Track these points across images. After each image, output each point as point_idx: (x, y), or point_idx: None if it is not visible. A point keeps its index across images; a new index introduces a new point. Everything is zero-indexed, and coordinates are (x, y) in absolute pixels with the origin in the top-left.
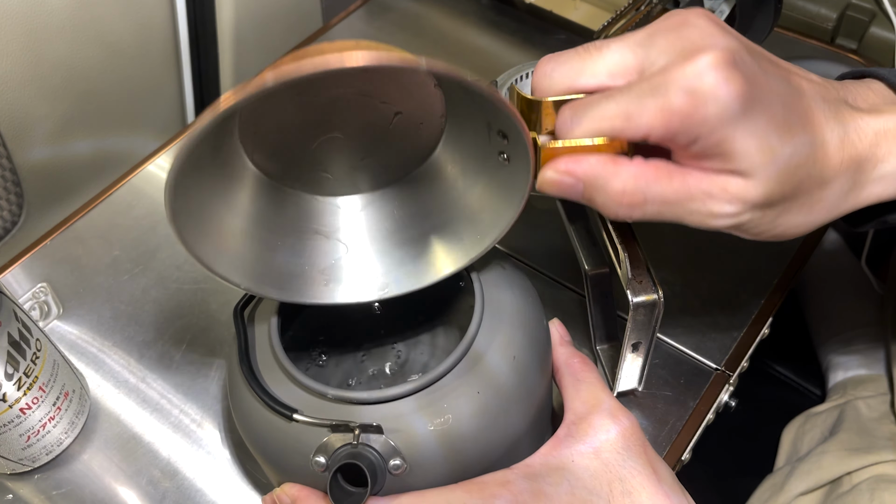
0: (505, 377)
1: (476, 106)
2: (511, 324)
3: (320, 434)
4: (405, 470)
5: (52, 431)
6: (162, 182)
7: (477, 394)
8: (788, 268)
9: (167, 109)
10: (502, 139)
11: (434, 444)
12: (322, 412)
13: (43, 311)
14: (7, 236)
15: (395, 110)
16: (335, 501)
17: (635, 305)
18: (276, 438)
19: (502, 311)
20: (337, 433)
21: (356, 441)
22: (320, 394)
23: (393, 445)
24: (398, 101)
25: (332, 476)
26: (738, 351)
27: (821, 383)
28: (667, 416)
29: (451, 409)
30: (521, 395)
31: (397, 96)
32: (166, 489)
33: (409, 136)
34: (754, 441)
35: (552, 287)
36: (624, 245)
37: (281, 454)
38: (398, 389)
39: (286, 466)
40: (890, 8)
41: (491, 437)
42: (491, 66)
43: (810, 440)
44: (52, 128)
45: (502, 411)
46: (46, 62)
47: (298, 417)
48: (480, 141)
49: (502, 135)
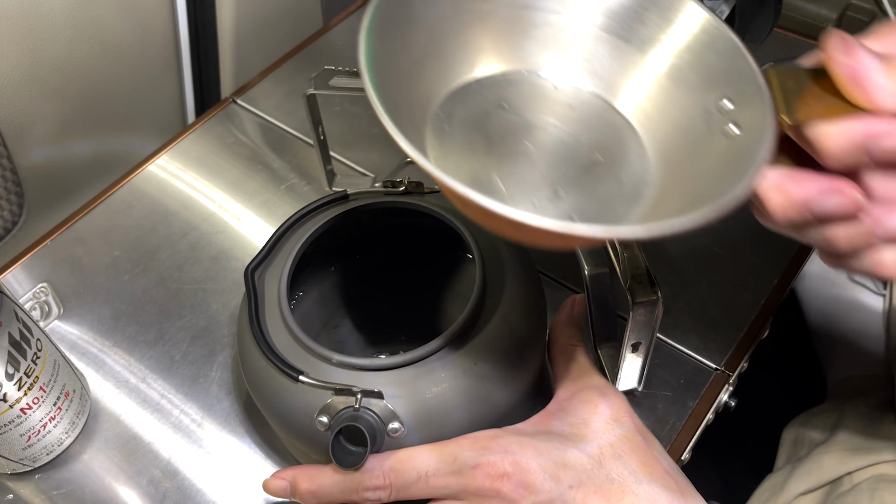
0: (501, 351)
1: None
2: (510, 300)
3: (324, 396)
4: (402, 433)
5: (52, 431)
6: (162, 182)
7: (474, 365)
8: (788, 268)
9: (167, 109)
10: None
11: (431, 410)
12: (326, 376)
13: (43, 312)
14: (7, 236)
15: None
16: (336, 460)
17: (635, 305)
18: (282, 398)
19: (502, 286)
20: (340, 396)
21: (357, 405)
22: (326, 358)
23: (392, 410)
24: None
25: (335, 436)
26: (737, 351)
27: (821, 383)
28: (666, 416)
29: (448, 378)
30: (515, 368)
31: None
32: (167, 489)
33: None
34: (754, 441)
35: (552, 287)
36: (624, 245)
37: (287, 414)
38: (399, 358)
39: (291, 425)
40: (889, 8)
41: (483, 407)
42: None
43: (810, 440)
44: (52, 128)
45: (497, 383)
46: (46, 62)
47: (304, 379)
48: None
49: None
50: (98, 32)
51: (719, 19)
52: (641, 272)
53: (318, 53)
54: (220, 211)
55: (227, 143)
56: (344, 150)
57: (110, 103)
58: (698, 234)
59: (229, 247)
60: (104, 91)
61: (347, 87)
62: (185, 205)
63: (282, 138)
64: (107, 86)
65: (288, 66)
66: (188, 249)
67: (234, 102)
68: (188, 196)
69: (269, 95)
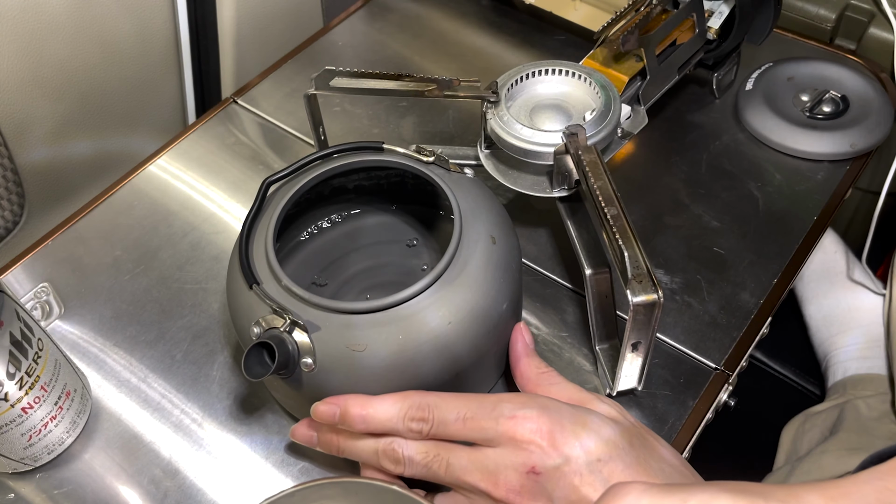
0: (420, 324)
1: None
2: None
3: (265, 311)
4: (313, 370)
5: (53, 431)
6: (163, 182)
7: (399, 338)
8: (787, 267)
9: (167, 109)
10: None
11: (345, 361)
12: (275, 294)
13: (45, 311)
14: (9, 236)
15: None
16: (244, 367)
17: (635, 305)
18: (238, 300)
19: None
20: (275, 316)
21: (282, 328)
22: (277, 278)
23: (311, 346)
24: None
25: (252, 347)
26: (737, 350)
27: (821, 383)
28: (666, 415)
29: (369, 340)
30: (444, 346)
31: None
32: (167, 488)
33: None
34: (754, 441)
35: (552, 287)
36: (624, 245)
37: (238, 315)
38: (337, 304)
39: (239, 327)
40: (889, 8)
41: (414, 370)
42: (491, 66)
43: (810, 440)
44: (52, 128)
45: (413, 355)
46: (47, 62)
47: (255, 289)
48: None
49: None
50: (99, 32)
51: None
52: (642, 272)
53: (319, 54)
54: (221, 211)
55: (227, 144)
56: None
57: (111, 103)
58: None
59: (230, 247)
60: (105, 91)
61: (348, 88)
62: (185, 205)
63: (282, 138)
64: (107, 86)
65: (288, 67)
66: (189, 249)
67: (235, 102)
68: (189, 196)
69: (270, 96)
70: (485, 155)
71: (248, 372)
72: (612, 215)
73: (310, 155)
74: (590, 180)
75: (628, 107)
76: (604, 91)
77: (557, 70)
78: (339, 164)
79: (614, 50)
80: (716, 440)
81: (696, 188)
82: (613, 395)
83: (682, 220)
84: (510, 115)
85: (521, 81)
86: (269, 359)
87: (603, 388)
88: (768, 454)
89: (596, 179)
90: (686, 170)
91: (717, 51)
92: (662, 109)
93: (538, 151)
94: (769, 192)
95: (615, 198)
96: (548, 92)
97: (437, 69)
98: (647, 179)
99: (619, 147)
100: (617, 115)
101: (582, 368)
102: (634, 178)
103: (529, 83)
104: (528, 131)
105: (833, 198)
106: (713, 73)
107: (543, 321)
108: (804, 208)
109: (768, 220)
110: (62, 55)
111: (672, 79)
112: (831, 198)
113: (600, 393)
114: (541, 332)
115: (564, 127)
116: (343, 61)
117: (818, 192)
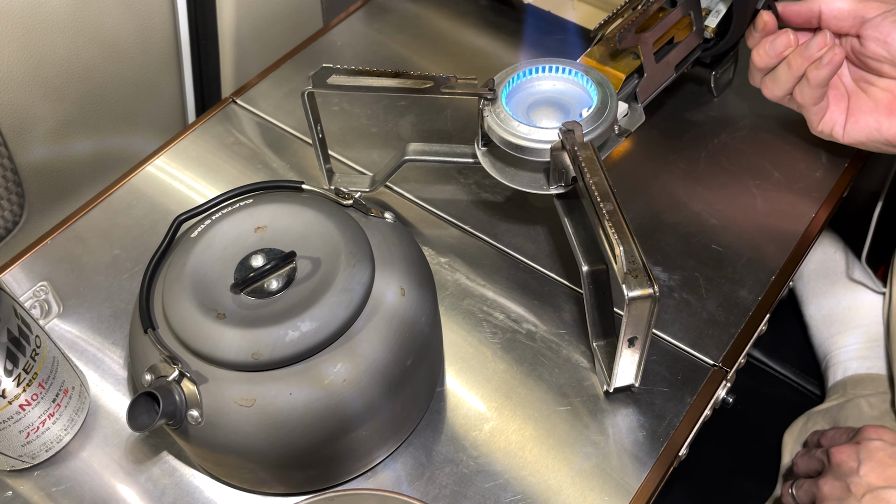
0: (311, 381)
1: None
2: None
3: (158, 357)
4: (200, 423)
5: (51, 428)
6: (162, 182)
7: (289, 395)
8: (785, 264)
9: (167, 109)
10: None
11: (232, 416)
12: (170, 341)
13: (43, 310)
14: (8, 236)
15: None
16: (128, 418)
17: (631, 300)
18: (136, 342)
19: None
20: (166, 364)
21: (171, 379)
22: (177, 335)
23: (199, 399)
24: None
25: (139, 395)
26: (735, 347)
27: (821, 383)
28: (664, 411)
29: (257, 394)
30: (338, 404)
31: None
32: (165, 486)
33: None
34: (754, 441)
35: (550, 284)
36: (620, 240)
37: (133, 359)
38: (225, 358)
39: (133, 370)
40: None
41: (286, 432)
42: (490, 66)
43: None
44: (52, 128)
45: (304, 413)
46: (47, 62)
47: (150, 334)
48: None
49: None
50: (99, 32)
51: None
52: (637, 267)
53: (318, 54)
54: None
55: (226, 143)
56: (343, 148)
57: (111, 103)
58: (696, 232)
59: None
60: (104, 91)
61: (345, 85)
62: (184, 204)
63: (281, 138)
64: (107, 85)
65: (288, 67)
66: None
67: (234, 102)
68: (187, 196)
69: (269, 95)
70: (482, 152)
71: (133, 422)
72: (607, 211)
73: (224, 193)
74: (586, 176)
75: (625, 104)
76: (601, 88)
77: (554, 67)
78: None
79: (611, 47)
80: (716, 441)
81: (694, 186)
82: (611, 391)
83: (680, 218)
84: (507, 111)
85: (519, 79)
86: (158, 408)
87: (600, 385)
88: (769, 454)
89: (592, 175)
90: (684, 167)
91: (715, 49)
92: (661, 108)
93: (535, 148)
94: (767, 189)
95: (611, 194)
96: (545, 89)
97: (437, 69)
98: (646, 177)
99: (616, 144)
100: (614, 112)
101: (580, 365)
102: (633, 176)
103: (526, 80)
104: (524, 128)
105: (831, 195)
106: (711, 72)
107: (541, 318)
108: (802, 206)
109: (766, 217)
110: (63, 55)
111: (669, 76)
112: (829, 195)
113: (598, 389)
114: (538, 330)
115: (561, 124)
116: (342, 61)
117: (816, 190)
